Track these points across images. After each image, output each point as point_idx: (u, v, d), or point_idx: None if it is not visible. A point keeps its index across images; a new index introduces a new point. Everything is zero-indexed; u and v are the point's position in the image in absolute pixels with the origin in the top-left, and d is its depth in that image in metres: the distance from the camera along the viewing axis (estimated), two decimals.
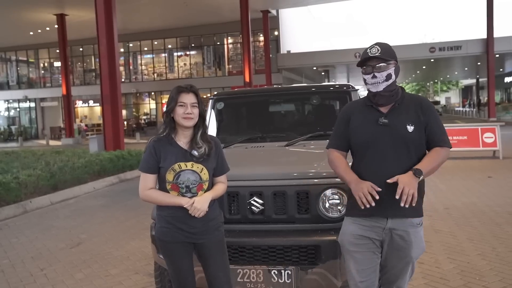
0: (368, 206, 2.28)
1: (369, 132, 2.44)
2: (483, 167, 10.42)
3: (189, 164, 2.52)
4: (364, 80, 2.45)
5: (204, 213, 2.49)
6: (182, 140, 2.57)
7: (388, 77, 2.38)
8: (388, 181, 2.27)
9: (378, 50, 2.38)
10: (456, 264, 4.38)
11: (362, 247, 2.46)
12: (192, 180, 2.51)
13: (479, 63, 36.20)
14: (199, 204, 2.47)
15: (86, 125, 35.97)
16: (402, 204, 2.21)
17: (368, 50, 2.41)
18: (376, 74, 2.39)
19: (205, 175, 2.54)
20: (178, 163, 2.50)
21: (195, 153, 2.52)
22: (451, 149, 2.49)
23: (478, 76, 50.36)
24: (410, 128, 2.38)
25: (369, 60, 2.41)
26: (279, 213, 3.05)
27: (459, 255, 4.63)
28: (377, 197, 2.28)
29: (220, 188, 2.64)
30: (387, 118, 2.42)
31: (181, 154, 2.53)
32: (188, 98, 2.52)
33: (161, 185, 2.57)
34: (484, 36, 29.78)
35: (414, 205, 2.24)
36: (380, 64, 2.38)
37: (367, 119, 2.47)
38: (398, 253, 2.43)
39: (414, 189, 2.22)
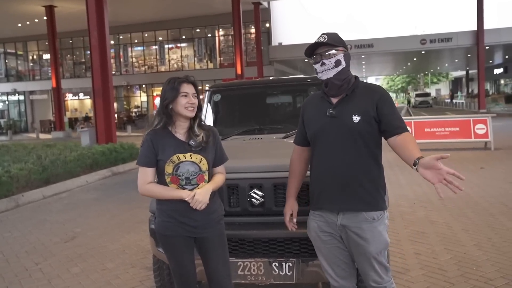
0: (290, 229, 2.68)
1: (319, 124, 2.44)
2: (475, 158, 10.50)
3: (187, 155, 2.48)
4: (315, 70, 2.44)
5: (206, 205, 2.47)
6: (180, 131, 2.55)
7: (337, 63, 2.36)
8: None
9: (325, 38, 2.37)
10: (452, 254, 4.41)
11: (326, 242, 2.48)
12: (191, 171, 2.48)
13: (469, 55, 36.43)
14: (200, 196, 2.44)
15: None
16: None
17: (316, 39, 2.41)
18: (324, 61, 2.37)
19: (204, 165, 2.52)
20: (176, 155, 2.47)
21: (193, 142, 2.50)
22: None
23: (468, 68, 50.68)
24: (356, 119, 2.34)
25: (317, 48, 2.40)
26: (280, 205, 3.02)
27: (455, 245, 4.66)
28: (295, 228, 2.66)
29: (219, 179, 2.62)
30: (335, 109, 2.40)
31: (180, 145, 2.50)
32: (190, 89, 2.52)
33: (160, 179, 2.54)
34: (474, 28, 29.95)
35: None
36: (329, 52, 2.36)
37: (318, 111, 2.47)
38: (357, 249, 2.40)
39: None
